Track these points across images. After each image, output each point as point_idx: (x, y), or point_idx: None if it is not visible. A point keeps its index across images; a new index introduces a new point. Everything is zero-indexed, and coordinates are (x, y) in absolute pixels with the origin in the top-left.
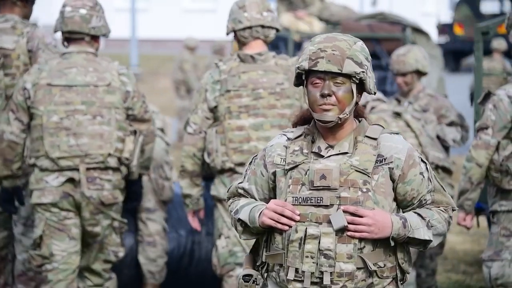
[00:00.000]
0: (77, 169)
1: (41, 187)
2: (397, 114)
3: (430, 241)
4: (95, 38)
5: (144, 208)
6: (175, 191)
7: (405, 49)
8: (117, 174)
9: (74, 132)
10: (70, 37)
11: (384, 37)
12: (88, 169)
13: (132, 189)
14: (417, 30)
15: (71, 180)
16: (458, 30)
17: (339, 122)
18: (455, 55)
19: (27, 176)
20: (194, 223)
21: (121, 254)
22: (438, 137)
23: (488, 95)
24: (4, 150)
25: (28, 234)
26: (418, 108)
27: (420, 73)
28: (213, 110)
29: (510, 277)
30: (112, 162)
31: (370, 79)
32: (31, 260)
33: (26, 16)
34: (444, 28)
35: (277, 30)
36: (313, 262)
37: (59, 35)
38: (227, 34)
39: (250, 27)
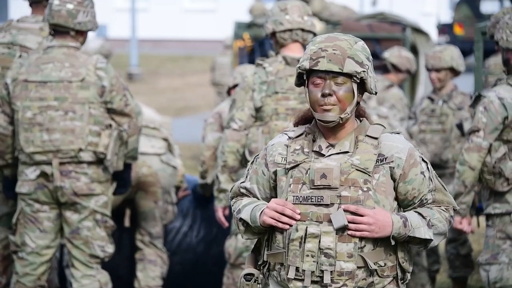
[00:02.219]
0: (50, 163)
1: (22, 179)
2: None
3: (430, 240)
4: (80, 32)
5: (148, 232)
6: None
7: (442, 46)
8: (94, 168)
9: (47, 128)
10: (55, 30)
11: (384, 37)
12: (62, 163)
13: (120, 176)
14: (417, 30)
15: (45, 174)
16: (458, 30)
17: (340, 122)
18: None
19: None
20: (223, 219)
21: (110, 250)
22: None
23: (478, 98)
24: None
25: None
26: (454, 107)
27: (454, 72)
28: (258, 109)
29: (509, 280)
30: (86, 156)
31: (371, 78)
32: (10, 245)
33: None
34: (444, 28)
35: (314, 34)
36: (314, 261)
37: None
38: (266, 34)
39: (290, 30)
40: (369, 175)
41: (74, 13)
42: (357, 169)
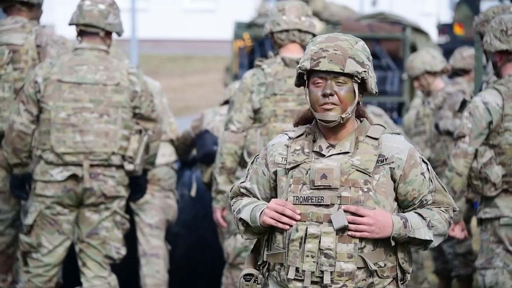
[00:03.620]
0: (80, 165)
1: (46, 180)
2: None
3: (430, 241)
4: (108, 35)
5: (147, 224)
6: None
7: (414, 54)
8: (120, 171)
9: (81, 129)
10: (85, 31)
11: (384, 37)
12: (91, 165)
13: (136, 182)
14: (417, 30)
15: (74, 176)
16: (458, 30)
17: (341, 122)
18: None
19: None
20: (221, 221)
21: (123, 252)
22: (449, 132)
23: (464, 103)
24: (14, 140)
25: None
26: (433, 107)
27: (431, 73)
28: (256, 111)
29: (504, 285)
30: (116, 160)
31: (372, 78)
32: (19, 244)
33: (34, 19)
34: (444, 28)
35: (314, 35)
36: (314, 262)
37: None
38: (265, 35)
39: (287, 30)
40: (369, 176)
41: (105, 14)
42: (357, 170)
